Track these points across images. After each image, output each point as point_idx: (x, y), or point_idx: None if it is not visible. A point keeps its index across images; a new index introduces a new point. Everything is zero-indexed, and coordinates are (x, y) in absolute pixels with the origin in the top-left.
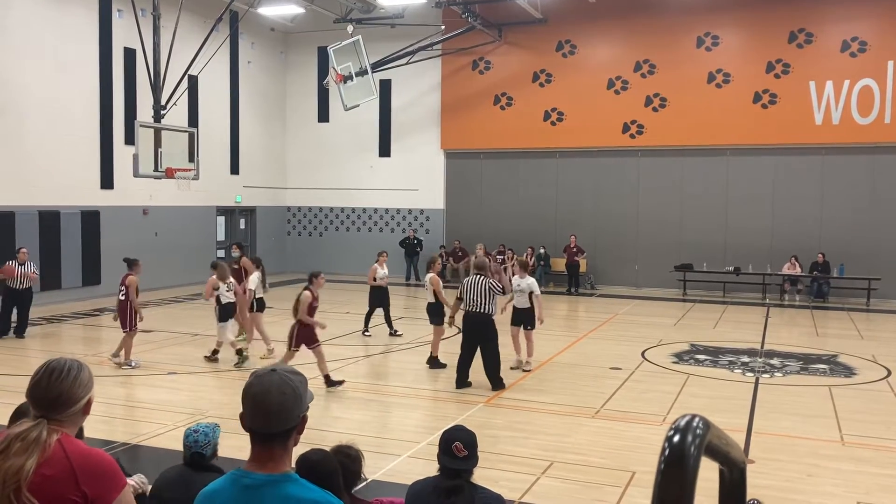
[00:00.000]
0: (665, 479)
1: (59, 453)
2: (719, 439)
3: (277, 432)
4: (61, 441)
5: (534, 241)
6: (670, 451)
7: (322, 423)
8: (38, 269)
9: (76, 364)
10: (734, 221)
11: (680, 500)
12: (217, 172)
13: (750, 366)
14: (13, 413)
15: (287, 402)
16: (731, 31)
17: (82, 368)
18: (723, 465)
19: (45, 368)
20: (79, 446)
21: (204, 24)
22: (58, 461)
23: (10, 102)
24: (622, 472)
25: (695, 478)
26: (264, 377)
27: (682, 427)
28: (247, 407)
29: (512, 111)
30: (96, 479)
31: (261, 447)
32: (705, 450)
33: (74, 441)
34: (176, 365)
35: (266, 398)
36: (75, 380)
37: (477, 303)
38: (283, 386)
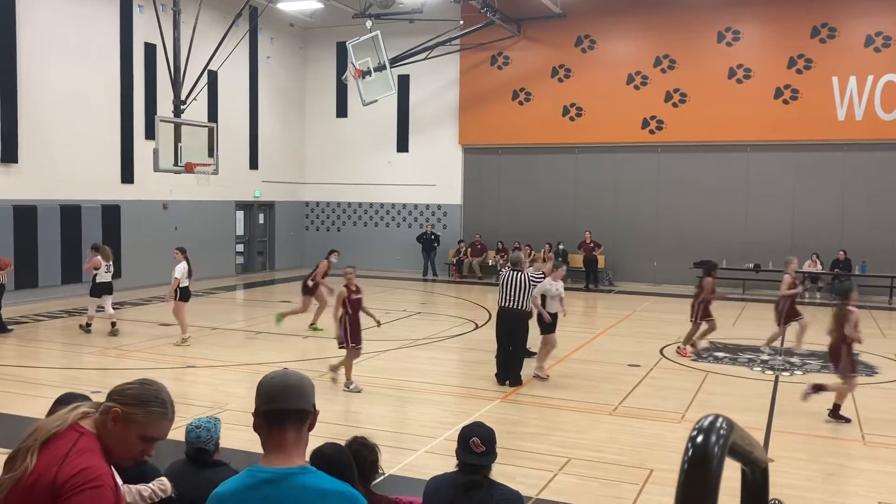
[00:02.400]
0: (688, 481)
1: (65, 449)
2: (742, 439)
3: (294, 410)
4: (77, 440)
5: (551, 237)
6: (693, 451)
7: (340, 417)
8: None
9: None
10: (754, 218)
11: (704, 501)
12: (236, 167)
13: (769, 364)
14: (54, 402)
15: (305, 383)
16: (752, 25)
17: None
18: (745, 465)
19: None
20: (82, 450)
21: (223, 20)
22: (57, 460)
23: (32, 97)
24: (640, 469)
25: (718, 479)
26: (279, 372)
27: (705, 427)
28: (263, 392)
29: (530, 106)
30: (71, 488)
31: (276, 433)
32: (728, 450)
33: (88, 444)
34: (194, 358)
35: (287, 378)
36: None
37: (512, 298)
38: (293, 375)
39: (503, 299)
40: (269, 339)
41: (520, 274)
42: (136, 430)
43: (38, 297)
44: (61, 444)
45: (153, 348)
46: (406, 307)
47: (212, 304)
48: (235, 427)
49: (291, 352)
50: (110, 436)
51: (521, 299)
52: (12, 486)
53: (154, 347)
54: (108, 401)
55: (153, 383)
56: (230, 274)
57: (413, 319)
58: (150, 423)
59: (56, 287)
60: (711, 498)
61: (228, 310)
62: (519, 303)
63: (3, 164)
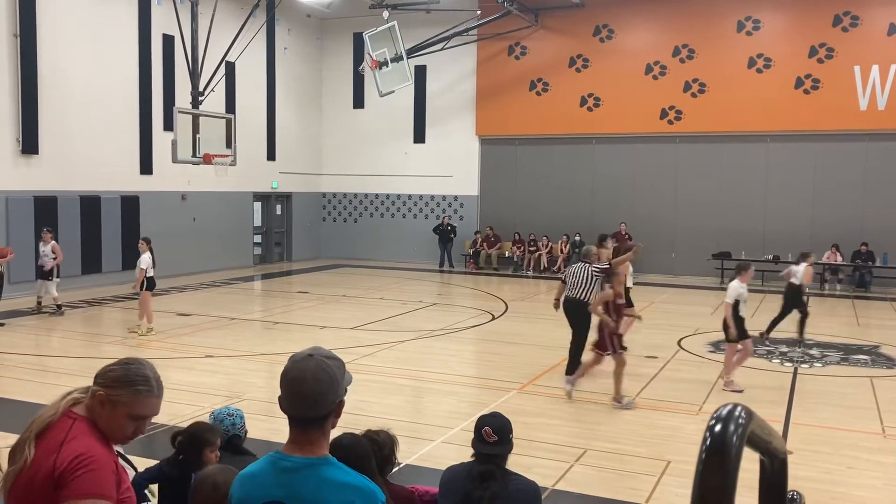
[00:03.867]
0: (707, 470)
1: (61, 437)
2: (761, 429)
3: (314, 417)
4: (70, 426)
5: (569, 228)
6: (712, 440)
7: (357, 407)
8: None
9: (142, 363)
10: (773, 209)
11: (722, 491)
12: (254, 158)
13: (788, 356)
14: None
15: (323, 388)
16: (772, 14)
17: (141, 366)
18: (764, 455)
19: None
20: (77, 435)
21: (241, 11)
22: (53, 449)
23: (52, 90)
24: (657, 461)
25: (737, 468)
26: (301, 362)
27: (723, 416)
28: (284, 392)
29: (548, 97)
30: (69, 473)
31: (299, 431)
32: (747, 440)
33: (83, 429)
34: (213, 348)
35: (302, 385)
36: (123, 367)
37: (576, 288)
38: (318, 372)
39: (568, 288)
40: (287, 329)
41: (587, 266)
42: (123, 411)
43: (59, 287)
44: (56, 433)
45: (172, 338)
46: (422, 298)
47: (230, 294)
48: (254, 416)
49: (309, 342)
50: (101, 419)
51: (583, 291)
52: (15, 478)
53: (173, 337)
54: (94, 384)
55: (135, 361)
56: (248, 265)
57: (429, 310)
58: (137, 402)
59: (76, 277)
60: (729, 488)
61: (246, 300)
62: (581, 293)
63: (24, 156)
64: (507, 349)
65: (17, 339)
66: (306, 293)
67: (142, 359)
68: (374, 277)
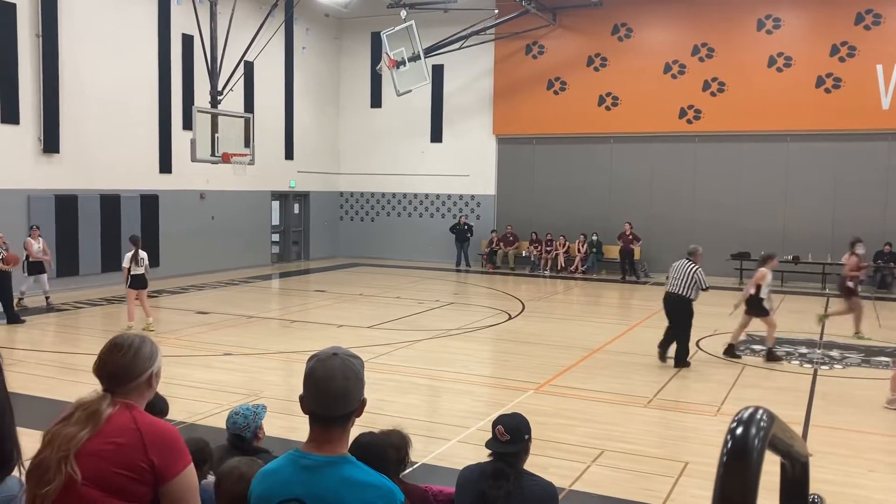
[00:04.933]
0: (728, 473)
1: (130, 424)
2: (783, 432)
3: (338, 415)
4: (132, 413)
5: (586, 227)
6: (733, 443)
7: (373, 406)
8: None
9: (138, 339)
10: (793, 209)
11: (744, 495)
12: (272, 157)
13: (808, 357)
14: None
15: (350, 386)
16: (793, 13)
17: (144, 342)
18: (785, 458)
19: (110, 344)
20: (148, 418)
21: (260, 11)
22: (128, 431)
23: (73, 89)
24: (674, 462)
25: (759, 472)
26: (327, 361)
27: (745, 419)
28: (309, 391)
29: (565, 96)
30: (164, 450)
31: (321, 429)
32: (768, 443)
33: (143, 413)
34: (231, 346)
35: (330, 383)
36: (136, 354)
37: (677, 285)
38: (346, 371)
39: (669, 283)
40: (304, 327)
41: (689, 263)
42: (159, 375)
43: (78, 285)
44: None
45: (191, 335)
46: (439, 297)
47: (248, 292)
48: (271, 414)
49: (326, 341)
50: (149, 395)
51: (685, 286)
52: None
53: (191, 335)
54: (143, 371)
55: (126, 338)
56: (265, 263)
57: (446, 310)
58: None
59: (96, 275)
60: (751, 491)
61: (264, 298)
62: (682, 289)
63: (46, 155)
64: (523, 349)
65: (37, 336)
66: (323, 292)
67: (118, 337)
68: (391, 276)
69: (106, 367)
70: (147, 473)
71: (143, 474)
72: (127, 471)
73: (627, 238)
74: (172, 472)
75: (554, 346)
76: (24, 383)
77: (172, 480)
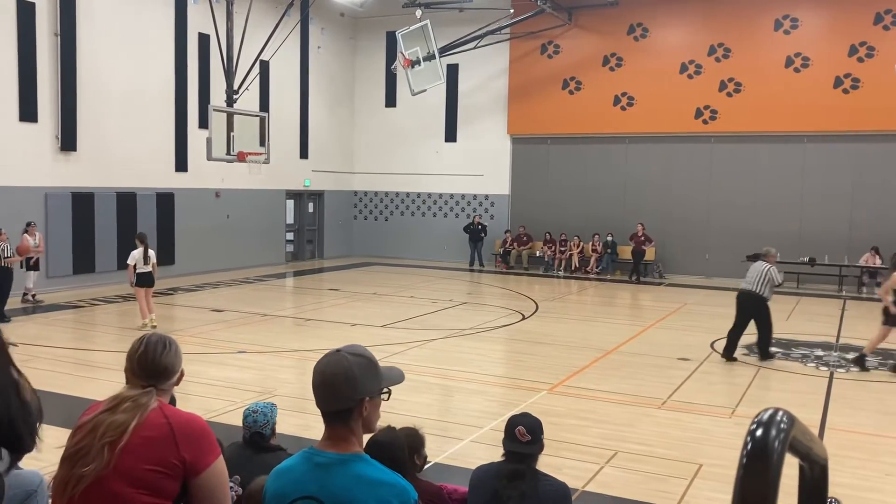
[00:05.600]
0: (748, 475)
1: (160, 418)
2: (803, 434)
3: (333, 411)
4: (161, 407)
5: (601, 228)
6: (753, 445)
7: (385, 405)
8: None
9: (167, 337)
10: (810, 210)
11: (763, 496)
12: (287, 156)
13: (824, 360)
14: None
15: (337, 382)
16: (811, 13)
17: (174, 341)
18: (804, 461)
19: (145, 343)
20: (177, 412)
21: (275, 10)
22: (159, 425)
23: (90, 88)
24: (688, 464)
25: (779, 474)
26: (326, 357)
27: (765, 421)
28: (313, 383)
29: (581, 96)
30: (194, 442)
31: (327, 426)
32: (788, 445)
33: (172, 408)
34: (245, 344)
35: (318, 377)
36: (176, 352)
37: (753, 283)
38: (334, 367)
39: (744, 282)
40: (318, 326)
41: (764, 264)
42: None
43: (94, 282)
44: (156, 417)
45: (205, 333)
46: (452, 297)
47: (262, 291)
48: (285, 412)
49: (339, 339)
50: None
51: (759, 285)
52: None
53: (206, 333)
54: (173, 372)
55: (160, 338)
56: (280, 262)
57: (459, 309)
58: None
59: (112, 272)
60: (772, 494)
61: (278, 297)
62: (756, 287)
63: (63, 153)
64: (537, 349)
65: (53, 332)
66: (337, 290)
67: (151, 336)
68: (405, 276)
69: (148, 365)
70: (178, 468)
71: (174, 469)
72: (157, 466)
73: (639, 239)
74: (203, 465)
75: (567, 346)
76: (40, 379)
77: (203, 473)
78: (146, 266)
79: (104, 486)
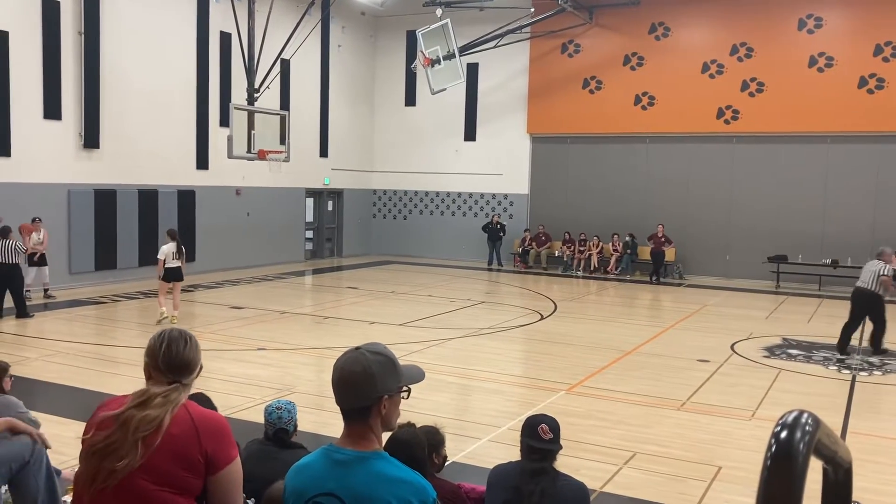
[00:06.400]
0: (772, 478)
1: (184, 415)
2: (828, 437)
3: (351, 409)
4: (185, 404)
5: (620, 228)
6: (777, 447)
7: (404, 403)
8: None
9: (186, 332)
10: (833, 212)
11: (788, 501)
12: (307, 155)
13: (846, 363)
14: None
15: (356, 380)
16: (835, 12)
17: (193, 337)
18: (828, 464)
19: (167, 339)
20: (199, 408)
21: (297, 9)
22: (182, 422)
23: (113, 86)
24: (708, 466)
25: (804, 477)
26: (345, 354)
27: (789, 423)
28: (332, 381)
29: (601, 95)
30: (216, 439)
31: (346, 423)
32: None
33: (194, 404)
34: (265, 341)
35: (337, 374)
36: (196, 347)
37: (867, 281)
38: (353, 364)
39: (859, 280)
40: (336, 324)
41: (879, 262)
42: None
43: (116, 279)
44: (183, 416)
45: (225, 330)
46: (471, 296)
47: (281, 288)
48: (303, 409)
49: (358, 337)
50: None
51: (871, 283)
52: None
53: (226, 329)
54: (193, 369)
55: (179, 333)
56: (299, 260)
57: (477, 309)
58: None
59: (133, 269)
60: (796, 497)
61: (297, 294)
62: (870, 285)
63: (86, 150)
64: (555, 349)
65: (75, 327)
66: (356, 289)
67: (171, 331)
68: (423, 274)
69: (172, 361)
70: (200, 465)
71: (197, 466)
72: (181, 463)
73: (659, 240)
74: (223, 462)
75: (586, 346)
76: (63, 374)
77: (223, 470)
78: (176, 261)
79: (131, 483)
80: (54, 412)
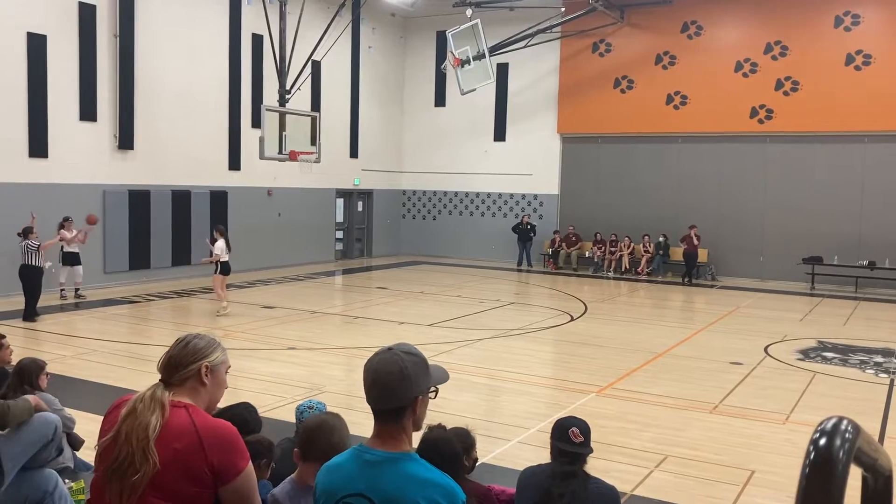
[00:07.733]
0: (810, 487)
1: (188, 425)
2: (868, 444)
3: (384, 410)
4: (190, 413)
5: (652, 228)
6: (816, 455)
7: (433, 404)
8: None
9: (200, 335)
10: (870, 213)
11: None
12: (337, 155)
13: (884, 366)
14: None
15: (392, 381)
16: (874, 8)
17: (201, 338)
18: (868, 472)
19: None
20: (205, 418)
21: (327, 10)
22: (186, 434)
23: (147, 87)
24: (740, 470)
25: (843, 486)
26: (378, 355)
27: (829, 430)
28: (364, 381)
29: (632, 94)
30: (223, 450)
31: (378, 424)
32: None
33: (200, 413)
34: (295, 340)
35: (372, 376)
36: (187, 346)
37: None
38: (388, 365)
39: None
40: (366, 324)
41: None
42: (222, 369)
43: (149, 278)
44: (179, 419)
45: (256, 329)
46: (500, 297)
47: (312, 288)
48: (333, 409)
49: (387, 337)
50: (208, 388)
51: None
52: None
53: (257, 329)
54: (185, 366)
55: (188, 335)
56: (329, 259)
57: (507, 309)
58: (226, 356)
59: (167, 269)
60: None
61: (328, 294)
62: None
63: (121, 151)
64: (585, 351)
65: (109, 326)
66: (385, 289)
67: (186, 336)
68: (453, 275)
69: (163, 359)
70: (208, 478)
71: (205, 479)
72: (189, 478)
73: (691, 241)
74: (233, 473)
75: (617, 348)
76: (97, 372)
77: (234, 481)
78: (227, 255)
79: (143, 502)
80: (89, 409)
